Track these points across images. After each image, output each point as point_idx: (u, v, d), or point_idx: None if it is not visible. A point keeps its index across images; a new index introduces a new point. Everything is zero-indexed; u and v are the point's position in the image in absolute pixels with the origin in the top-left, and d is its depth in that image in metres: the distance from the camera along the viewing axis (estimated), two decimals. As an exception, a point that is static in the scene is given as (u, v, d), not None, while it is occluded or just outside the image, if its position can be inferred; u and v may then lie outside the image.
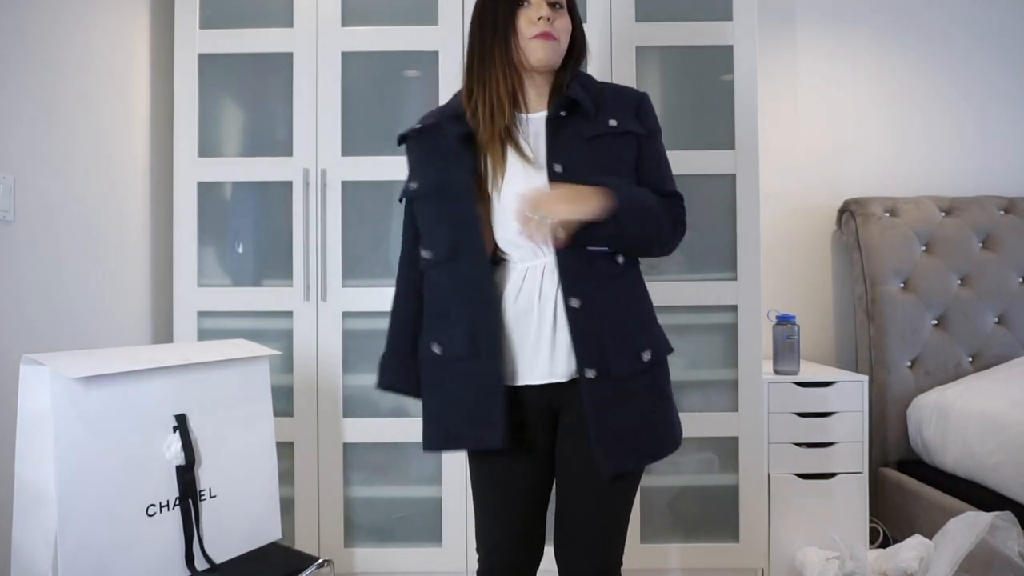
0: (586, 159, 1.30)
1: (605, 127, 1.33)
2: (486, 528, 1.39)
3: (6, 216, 1.64)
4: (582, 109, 1.33)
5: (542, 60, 1.32)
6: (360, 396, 2.18)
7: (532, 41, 1.31)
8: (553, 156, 1.30)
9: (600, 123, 1.33)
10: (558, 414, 1.35)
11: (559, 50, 1.33)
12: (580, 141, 1.31)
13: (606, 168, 1.31)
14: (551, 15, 1.31)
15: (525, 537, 1.37)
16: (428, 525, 2.17)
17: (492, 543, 1.38)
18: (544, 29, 1.30)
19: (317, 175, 2.17)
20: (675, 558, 2.20)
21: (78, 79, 1.91)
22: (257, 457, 1.57)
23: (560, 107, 1.32)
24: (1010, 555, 1.81)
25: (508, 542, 1.37)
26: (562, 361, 1.29)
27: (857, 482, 2.23)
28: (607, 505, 1.32)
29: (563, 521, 1.35)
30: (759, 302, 2.18)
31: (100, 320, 1.99)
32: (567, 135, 1.32)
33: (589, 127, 1.32)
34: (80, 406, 1.25)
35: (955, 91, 2.79)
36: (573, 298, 1.27)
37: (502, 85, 1.32)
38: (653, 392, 1.33)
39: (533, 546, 1.38)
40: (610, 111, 1.35)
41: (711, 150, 2.19)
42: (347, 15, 2.19)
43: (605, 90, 1.40)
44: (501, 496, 1.37)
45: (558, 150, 1.30)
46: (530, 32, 1.31)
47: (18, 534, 1.26)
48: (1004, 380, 2.31)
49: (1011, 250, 2.58)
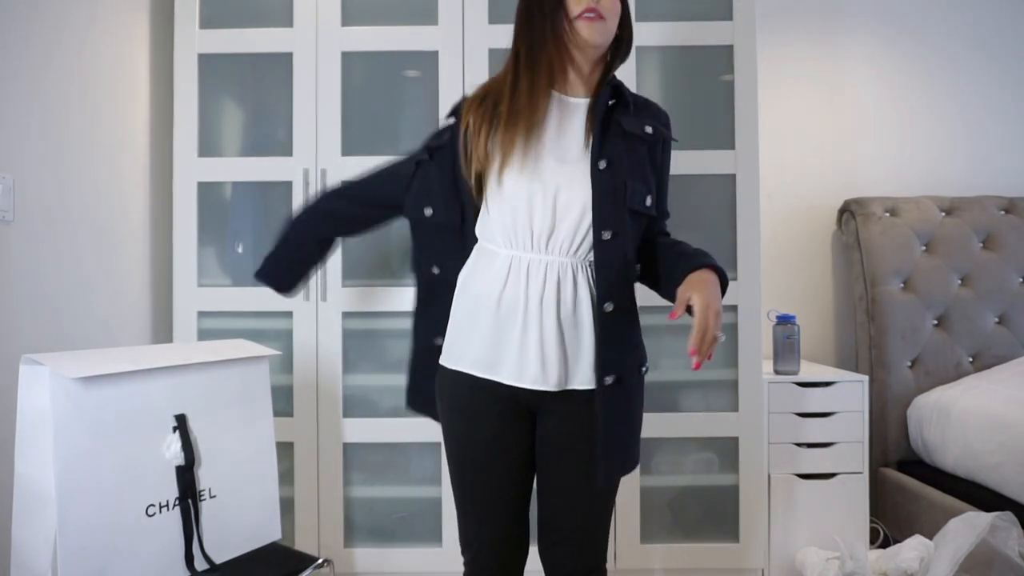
0: (625, 158, 1.29)
1: (641, 130, 1.32)
2: (470, 529, 1.37)
3: (6, 216, 1.64)
4: (625, 101, 1.32)
5: (590, 39, 1.28)
6: (360, 396, 2.18)
7: (579, 20, 1.27)
8: (600, 151, 1.27)
9: (638, 123, 1.33)
10: (535, 414, 1.33)
11: (607, 30, 1.30)
12: (620, 135, 1.30)
13: (637, 173, 1.30)
14: None
15: (510, 535, 1.36)
16: (428, 525, 2.17)
17: (477, 544, 1.36)
18: (590, 5, 1.26)
19: (317, 175, 2.17)
20: (675, 558, 2.20)
21: (78, 79, 1.91)
22: (257, 457, 1.57)
23: (608, 96, 1.31)
24: (1010, 555, 1.81)
25: (493, 542, 1.35)
26: (553, 370, 1.26)
27: (857, 482, 2.23)
28: (592, 506, 1.33)
29: (547, 522, 1.35)
30: (759, 302, 2.18)
31: (100, 320, 1.99)
32: (612, 126, 1.30)
33: (629, 122, 1.31)
34: (80, 406, 1.24)
35: (955, 91, 2.79)
36: (608, 302, 1.27)
37: (555, 62, 1.30)
38: (640, 406, 1.37)
39: (518, 544, 1.37)
40: (645, 116, 1.35)
41: (711, 150, 2.18)
42: (347, 15, 2.19)
43: (637, 97, 1.39)
44: (483, 494, 1.35)
45: (605, 143, 1.28)
46: (577, 10, 1.27)
47: (18, 534, 1.26)
48: (1004, 380, 2.31)
49: (1011, 250, 2.58)
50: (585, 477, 1.29)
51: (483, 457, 1.32)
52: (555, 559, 1.34)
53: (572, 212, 1.26)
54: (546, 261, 1.27)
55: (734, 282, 2.18)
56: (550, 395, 1.28)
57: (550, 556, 1.35)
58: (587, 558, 1.33)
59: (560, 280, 1.26)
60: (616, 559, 2.18)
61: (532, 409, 1.32)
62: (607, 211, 1.25)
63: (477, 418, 1.31)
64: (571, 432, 1.30)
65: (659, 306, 2.20)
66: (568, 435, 1.30)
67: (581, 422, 1.28)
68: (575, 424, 1.29)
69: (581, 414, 1.28)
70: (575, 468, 1.30)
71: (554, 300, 1.26)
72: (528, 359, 1.26)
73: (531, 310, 1.26)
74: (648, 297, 2.16)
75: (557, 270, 1.27)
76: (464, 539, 1.38)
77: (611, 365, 1.27)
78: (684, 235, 2.20)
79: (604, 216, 1.25)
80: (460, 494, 1.37)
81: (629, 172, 1.28)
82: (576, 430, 1.29)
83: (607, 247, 1.26)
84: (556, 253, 1.27)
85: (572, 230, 1.26)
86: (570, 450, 1.30)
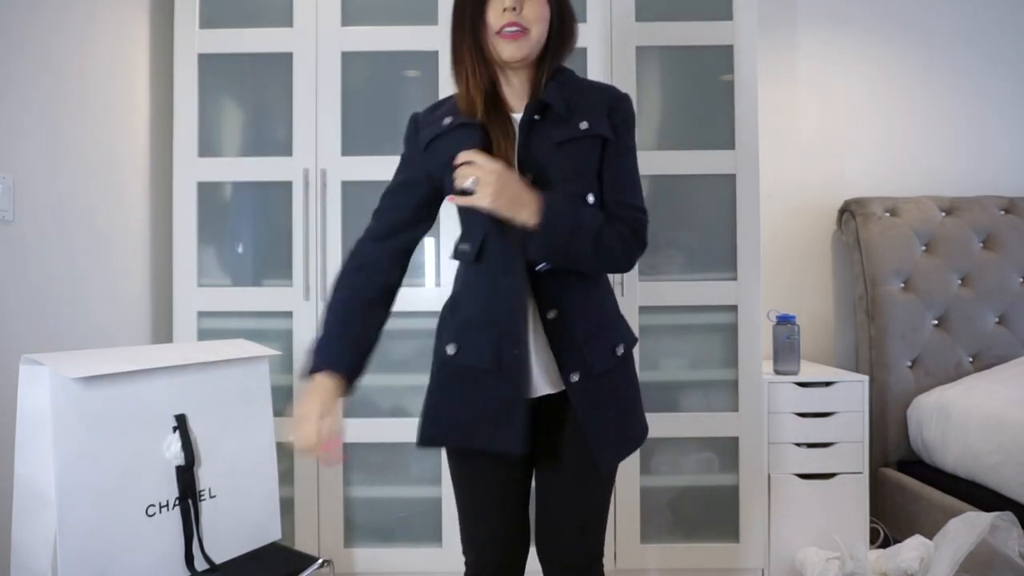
0: (556, 166, 1.25)
1: (576, 131, 1.25)
2: (472, 530, 1.37)
3: (6, 216, 1.64)
4: (555, 111, 1.26)
5: (510, 56, 1.24)
6: (360, 396, 2.18)
7: (498, 37, 1.23)
8: (524, 164, 1.25)
9: (571, 127, 1.26)
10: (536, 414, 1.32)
11: (530, 42, 1.24)
12: (550, 147, 1.25)
13: (576, 175, 1.26)
14: (519, 3, 1.22)
15: (511, 535, 1.36)
16: (428, 525, 2.17)
17: (480, 544, 1.37)
18: (510, 19, 1.21)
19: (317, 175, 2.17)
20: (675, 558, 2.20)
21: (78, 79, 1.91)
22: (257, 457, 1.57)
23: (533, 111, 1.26)
24: (1010, 555, 1.81)
25: (496, 540, 1.36)
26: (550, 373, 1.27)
27: (857, 482, 2.23)
28: (589, 498, 1.32)
29: (544, 517, 1.35)
30: (759, 302, 2.18)
31: (100, 320, 1.99)
32: (538, 140, 1.25)
33: (560, 131, 1.26)
34: (80, 406, 1.24)
35: (955, 91, 2.79)
36: (550, 311, 1.25)
37: (473, 84, 1.26)
38: (629, 384, 1.34)
39: (519, 543, 1.38)
40: (583, 112, 1.27)
41: (711, 150, 2.19)
42: (347, 15, 2.19)
43: (584, 88, 1.32)
44: (486, 495, 1.35)
45: (529, 158, 1.25)
46: (497, 25, 1.22)
47: (18, 534, 1.26)
48: (1005, 380, 2.31)
49: (1011, 250, 2.58)
50: (580, 471, 1.30)
51: (482, 457, 1.32)
52: (552, 555, 1.34)
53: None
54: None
55: (734, 282, 2.18)
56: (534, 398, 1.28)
57: (547, 552, 1.35)
58: (584, 553, 1.33)
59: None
60: (616, 559, 2.18)
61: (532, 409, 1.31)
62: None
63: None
64: (560, 428, 1.30)
65: (660, 306, 2.21)
66: (558, 431, 1.31)
67: (570, 417, 1.29)
68: (564, 420, 1.30)
69: (567, 410, 1.29)
70: (570, 462, 1.30)
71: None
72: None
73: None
74: (648, 297, 2.17)
75: None
76: (466, 540, 1.39)
77: (572, 364, 1.26)
78: (684, 235, 2.23)
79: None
80: (460, 494, 1.38)
81: (559, 180, 1.24)
82: (565, 425, 1.30)
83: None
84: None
85: None
86: (563, 445, 1.31)
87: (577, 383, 1.26)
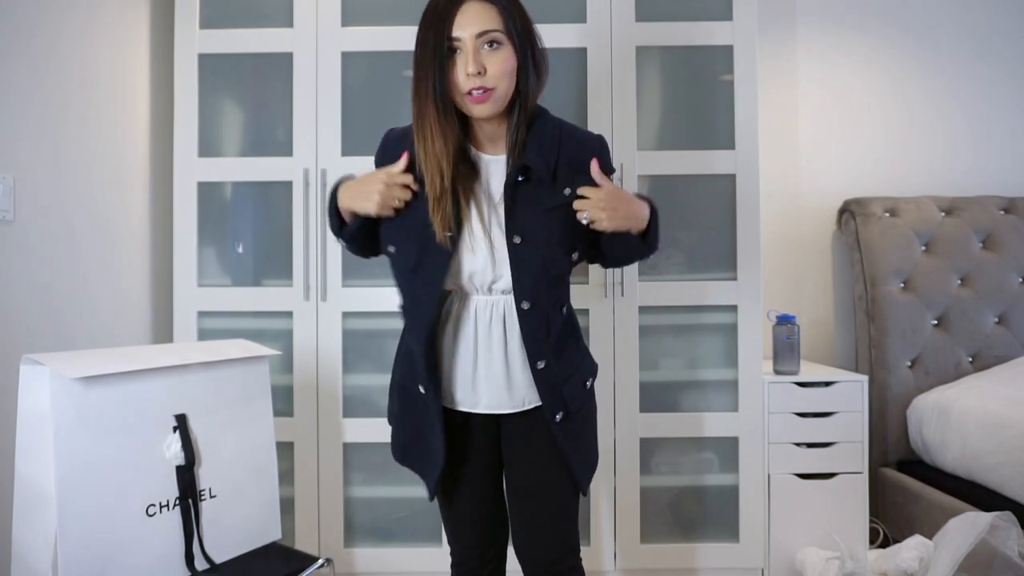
0: (544, 229, 1.29)
1: (562, 198, 1.30)
2: (453, 519, 1.45)
3: (6, 216, 1.64)
4: (537, 174, 1.28)
5: (480, 115, 1.26)
6: (360, 396, 2.18)
7: (466, 99, 1.24)
8: (512, 227, 1.27)
9: (557, 193, 1.30)
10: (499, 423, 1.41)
11: (498, 100, 1.25)
12: (538, 211, 1.28)
13: (562, 237, 1.31)
14: (482, 66, 1.22)
15: (489, 517, 1.44)
16: (428, 525, 2.17)
17: (461, 530, 1.45)
18: (475, 84, 1.22)
19: (317, 175, 2.17)
20: (675, 558, 2.20)
21: (78, 79, 1.91)
22: (257, 457, 1.57)
23: (516, 174, 1.28)
24: (1010, 555, 1.81)
25: (477, 523, 1.44)
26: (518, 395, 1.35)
27: (857, 482, 2.23)
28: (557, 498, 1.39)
29: (516, 516, 1.41)
30: (759, 302, 2.18)
31: (100, 320, 1.99)
32: (524, 202, 1.28)
33: (546, 196, 1.29)
34: (80, 406, 1.25)
35: (955, 91, 2.79)
36: (539, 360, 1.31)
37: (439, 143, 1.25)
38: (593, 409, 1.44)
39: (499, 527, 1.46)
40: (566, 177, 1.30)
41: (711, 150, 2.19)
42: (347, 15, 2.19)
43: (562, 141, 1.32)
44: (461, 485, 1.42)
45: (516, 220, 1.28)
46: (464, 88, 1.23)
47: (18, 534, 1.26)
48: (1004, 380, 2.31)
49: (1011, 250, 2.58)
50: (546, 472, 1.37)
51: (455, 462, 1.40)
52: (529, 553, 1.39)
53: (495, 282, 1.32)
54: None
55: (734, 282, 2.18)
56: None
57: (524, 551, 1.40)
58: (559, 547, 1.38)
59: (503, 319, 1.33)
60: (616, 559, 2.18)
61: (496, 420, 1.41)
62: (525, 283, 1.28)
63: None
64: (527, 434, 1.38)
65: (660, 306, 2.21)
66: (524, 437, 1.38)
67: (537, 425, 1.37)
68: (530, 427, 1.37)
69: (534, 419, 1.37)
70: (536, 464, 1.38)
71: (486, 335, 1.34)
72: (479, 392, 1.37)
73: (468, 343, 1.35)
74: (648, 297, 2.17)
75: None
76: (449, 532, 1.49)
77: (557, 406, 1.34)
78: (684, 235, 2.23)
79: (522, 288, 1.28)
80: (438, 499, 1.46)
81: (546, 243, 1.29)
82: (532, 432, 1.37)
83: (527, 315, 1.29)
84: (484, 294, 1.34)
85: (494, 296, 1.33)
86: (529, 449, 1.38)
87: (560, 421, 1.34)
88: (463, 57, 1.22)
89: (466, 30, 1.22)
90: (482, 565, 1.46)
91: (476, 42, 1.22)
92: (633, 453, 2.17)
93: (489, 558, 1.46)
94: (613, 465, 2.17)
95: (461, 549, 1.47)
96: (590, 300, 2.16)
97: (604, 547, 2.18)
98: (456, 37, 1.22)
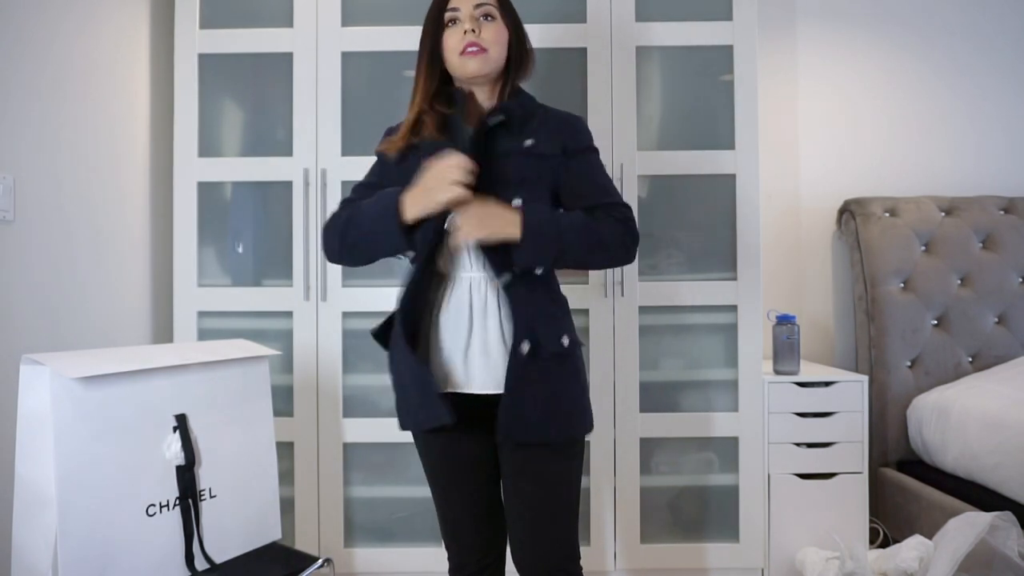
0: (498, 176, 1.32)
1: (519, 147, 1.35)
2: (449, 518, 1.45)
3: (6, 216, 1.64)
4: (506, 126, 1.35)
5: (474, 71, 1.36)
6: (360, 396, 2.18)
7: (461, 56, 1.36)
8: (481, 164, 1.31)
9: (516, 143, 1.35)
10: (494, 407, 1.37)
11: (490, 60, 1.37)
12: (492, 157, 1.33)
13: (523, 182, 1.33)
14: (477, 27, 1.36)
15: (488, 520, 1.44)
16: (428, 525, 2.17)
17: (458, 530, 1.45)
18: (470, 40, 1.35)
19: (317, 175, 2.17)
20: (675, 558, 2.20)
21: (78, 79, 1.91)
22: (257, 457, 1.57)
23: (485, 124, 1.35)
24: (1010, 555, 1.81)
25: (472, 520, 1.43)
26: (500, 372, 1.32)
27: (857, 482, 2.23)
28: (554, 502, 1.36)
29: (513, 524, 1.39)
30: (759, 302, 2.18)
31: (100, 320, 1.99)
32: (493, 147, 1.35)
33: (506, 144, 1.35)
34: (80, 406, 1.24)
35: (955, 91, 2.79)
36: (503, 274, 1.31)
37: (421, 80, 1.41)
38: (568, 373, 1.37)
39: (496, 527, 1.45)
40: (531, 131, 1.37)
41: (711, 150, 2.19)
42: (347, 15, 2.19)
43: (539, 111, 1.42)
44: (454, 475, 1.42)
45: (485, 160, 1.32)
46: (459, 47, 1.36)
47: (18, 534, 1.26)
48: (1004, 380, 2.31)
49: (1011, 250, 2.58)
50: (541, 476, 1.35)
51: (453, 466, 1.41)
52: (526, 560, 1.38)
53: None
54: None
55: (734, 282, 2.18)
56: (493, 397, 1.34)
57: (521, 558, 1.38)
58: (559, 556, 1.36)
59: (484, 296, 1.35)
60: (616, 559, 2.18)
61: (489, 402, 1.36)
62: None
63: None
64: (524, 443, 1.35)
65: (660, 306, 2.21)
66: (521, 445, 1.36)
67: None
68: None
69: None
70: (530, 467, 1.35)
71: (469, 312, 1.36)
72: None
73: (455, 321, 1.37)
74: (648, 297, 2.17)
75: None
76: (445, 531, 1.48)
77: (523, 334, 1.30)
78: (684, 235, 2.23)
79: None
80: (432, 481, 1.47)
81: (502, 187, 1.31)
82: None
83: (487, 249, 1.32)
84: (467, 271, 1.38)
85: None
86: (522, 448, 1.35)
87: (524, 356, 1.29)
88: (459, 25, 1.37)
89: (464, 1, 1.37)
90: (480, 571, 1.45)
91: (473, 12, 1.37)
92: (633, 453, 2.17)
93: (488, 563, 1.45)
94: (613, 465, 2.17)
95: (459, 550, 1.47)
96: (590, 300, 2.16)
97: (604, 547, 2.18)
98: (455, 7, 1.37)
